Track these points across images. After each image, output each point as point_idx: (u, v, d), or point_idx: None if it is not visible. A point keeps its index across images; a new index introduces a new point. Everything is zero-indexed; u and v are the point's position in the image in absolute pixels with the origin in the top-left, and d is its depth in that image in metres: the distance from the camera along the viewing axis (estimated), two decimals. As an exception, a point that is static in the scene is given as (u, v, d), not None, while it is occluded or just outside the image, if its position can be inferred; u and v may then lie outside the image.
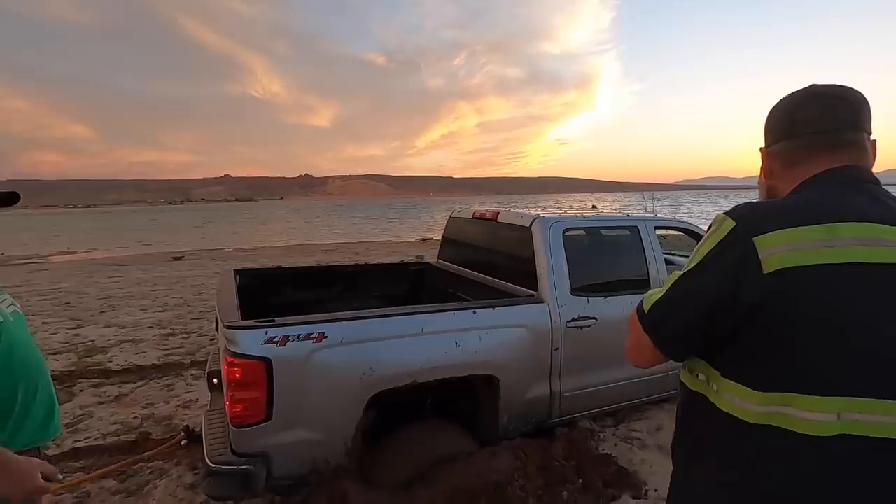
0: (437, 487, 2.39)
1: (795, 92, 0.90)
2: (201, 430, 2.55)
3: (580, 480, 2.61)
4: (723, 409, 0.83)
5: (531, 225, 3.08)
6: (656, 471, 2.75)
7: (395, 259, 12.25)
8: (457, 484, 2.40)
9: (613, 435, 3.15)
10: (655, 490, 2.59)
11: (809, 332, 0.73)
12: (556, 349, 2.87)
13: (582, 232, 3.22)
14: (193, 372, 4.51)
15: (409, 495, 2.38)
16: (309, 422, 2.26)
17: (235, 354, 2.13)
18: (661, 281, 3.30)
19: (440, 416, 2.85)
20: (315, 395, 2.25)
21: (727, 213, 0.83)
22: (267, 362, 2.15)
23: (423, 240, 21.98)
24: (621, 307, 3.09)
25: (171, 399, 3.89)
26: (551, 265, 2.95)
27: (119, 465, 2.75)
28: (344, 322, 2.34)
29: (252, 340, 2.16)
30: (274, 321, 2.24)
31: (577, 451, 2.81)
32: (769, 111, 0.94)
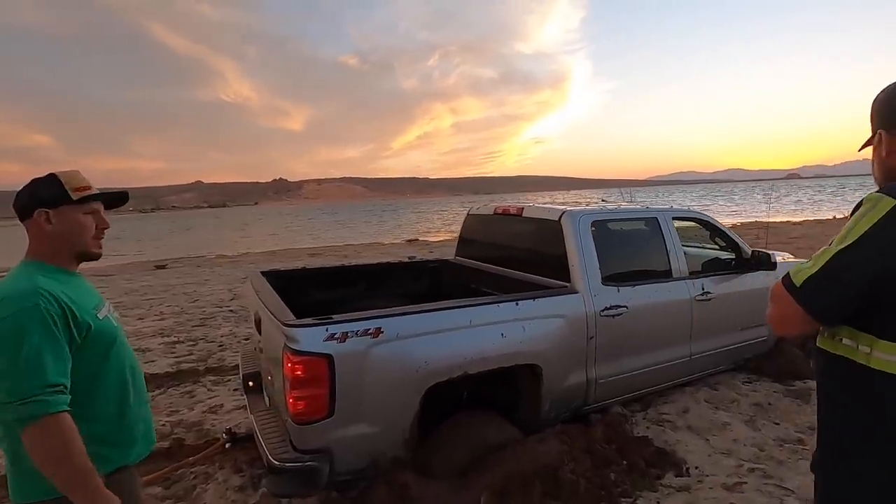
0: (493, 473, 2.45)
1: (890, 87, 1.01)
2: (254, 431, 2.56)
3: (624, 462, 2.71)
4: (876, 367, 0.92)
5: (560, 218, 3.17)
6: (692, 450, 2.88)
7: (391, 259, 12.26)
8: (511, 469, 2.47)
9: (644, 419, 3.27)
10: (696, 468, 2.71)
11: None
12: (591, 337, 2.96)
13: (607, 224, 3.33)
14: (211, 378, 4.46)
15: (466, 483, 2.44)
16: (370, 416, 2.30)
17: (297, 352, 2.16)
18: (682, 269, 3.44)
19: (477, 407, 2.90)
20: (374, 389, 2.29)
21: (883, 193, 0.92)
22: (329, 359, 2.18)
23: (409, 241, 21.96)
24: (648, 295, 3.22)
25: (196, 405, 3.84)
26: (582, 256, 3.05)
27: (165, 472, 2.75)
28: (399, 317, 2.39)
29: (313, 338, 2.18)
30: (332, 318, 2.27)
31: (615, 435, 2.92)
32: (886, 97, 1.04)
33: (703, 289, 3.49)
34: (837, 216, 24.87)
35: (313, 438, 2.22)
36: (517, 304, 2.72)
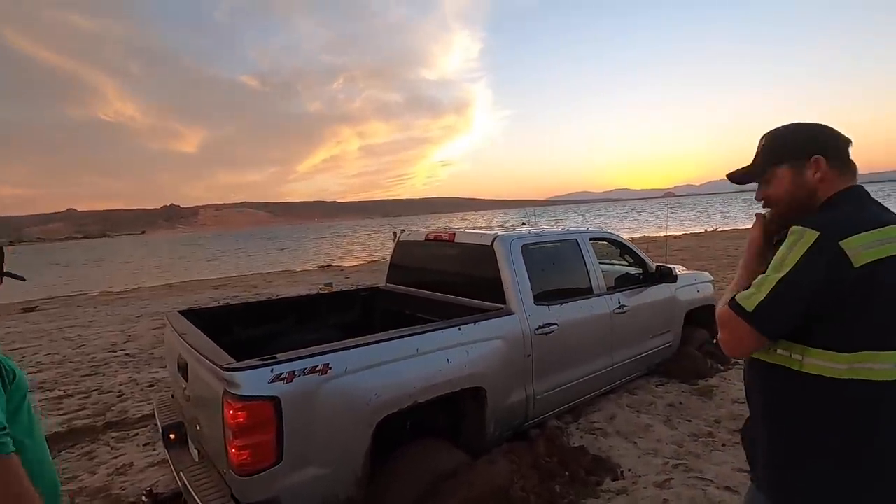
0: (448, 503, 2.45)
1: (818, 124, 1.23)
2: (184, 489, 2.31)
3: (566, 473, 2.85)
4: (808, 371, 1.08)
5: (493, 243, 3.31)
6: (623, 453, 3.10)
7: (305, 289, 11.74)
8: (465, 495, 2.48)
9: (578, 429, 3.46)
10: (629, 470, 2.92)
11: (888, 306, 1.02)
12: (529, 355, 3.10)
13: (535, 246, 3.53)
14: (114, 434, 3.95)
15: (423, 515, 2.40)
16: (320, 457, 2.20)
17: (240, 397, 2.01)
18: (601, 286, 3.74)
19: (424, 435, 2.89)
20: (325, 429, 2.20)
21: (806, 226, 1.09)
22: (276, 401, 2.06)
23: (323, 267, 21.26)
24: (575, 311, 3.46)
25: (98, 468, 3.37)
26: (516, 278, 3.20)
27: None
28: (347, 351, 2.33)
29: (257, 380, 2.06)
30: (276, 357, 2.15)
31: (555, 447, 3.06)
32: (814, 132, 1.23)
33: (619, 302, 3.81)
34: (708, 229, 28.50)
35: (260, 489, 2.07)
36: (459, 328, 2.77)
